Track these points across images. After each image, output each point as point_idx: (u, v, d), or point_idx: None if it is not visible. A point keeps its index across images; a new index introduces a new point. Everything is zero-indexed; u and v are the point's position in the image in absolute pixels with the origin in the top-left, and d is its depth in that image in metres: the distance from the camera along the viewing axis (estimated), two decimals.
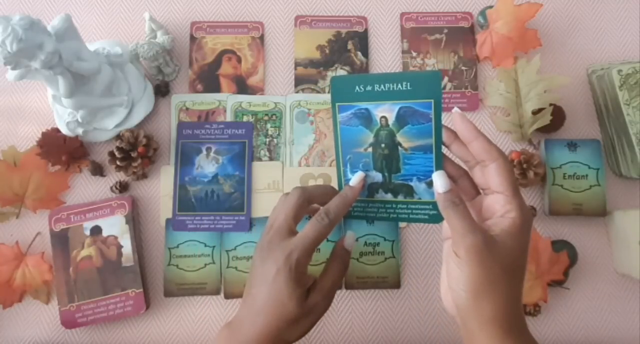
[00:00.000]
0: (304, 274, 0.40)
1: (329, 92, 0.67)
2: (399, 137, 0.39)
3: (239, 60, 0.68)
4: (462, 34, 0.68)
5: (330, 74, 0.67)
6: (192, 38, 0.68)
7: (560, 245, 0.61)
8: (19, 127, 0.65)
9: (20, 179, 0.62)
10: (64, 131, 0.61)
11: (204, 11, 0.69)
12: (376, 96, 0.38)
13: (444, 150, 0.40)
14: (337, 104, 0.39)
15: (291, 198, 0.42)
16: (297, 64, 0.68)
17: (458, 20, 0.69)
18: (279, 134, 0.65)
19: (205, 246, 0.62)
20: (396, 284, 0.61)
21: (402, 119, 0.38)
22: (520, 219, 0.35)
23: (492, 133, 0.66)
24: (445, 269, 0.39)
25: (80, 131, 0.61)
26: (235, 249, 0.62)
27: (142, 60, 0.64)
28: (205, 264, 0.61)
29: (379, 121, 0.39)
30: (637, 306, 0.61)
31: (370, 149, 0.40)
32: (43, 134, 0.62)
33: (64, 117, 0.61)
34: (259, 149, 0.65)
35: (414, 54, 0.68)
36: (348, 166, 0.40)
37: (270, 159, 0.65)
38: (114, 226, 0.60)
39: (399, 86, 0.37)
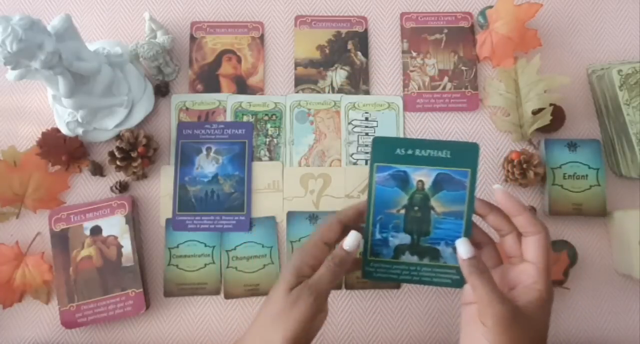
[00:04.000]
0: (301, 268, 0.39)
1: (328, 92, 0.67)
2: (433, 202, 0.40)
3: (239, 60, 0.68)
4: (462, 34, 0.68)
5: (330, 74, 0.67)
6: (192, 38, 0.68)
7: (560, 245, 0.61)
8: (19, 127, 0.65)
9: (20, 179, 0.62)
10: (64, 131, 0.61)
11: (204, 11, 0.69)
12: (416, 160, 0.39)
13: (475, 218, 0.40)
14: (375, 164, 0.40)
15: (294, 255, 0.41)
16: (297, 64, 0.68)
17: (458, 20, 0.69)
18: (279, 134, 0.65)
19: (205, 246, 0.62)
20: (396, 285, 0.61)
21: (439, 184, 0.40)
22: (546, 292, 0.36)
23: (492, 133, 0.66)
24: (469, 336, 0.38)
25: (80, 131, 0.61)
26: (235, 249, 0.62)
27: (142, 60, 0.64)
28: (205, 264, 0.61)
29: (415, 184, 0.40)
30: (637, 306, 0.61)
31: (402, 211, 0.41)
32: (43, 134, 0.62)
33: (64, 117, 0.61)
34: (259, 149, 0.65)
35: (414, 54, 0.68)
36: (378, 226, 0.41)
37: (270, 159, 0.65)
38: (114, 226, 0.60)
39: (440, 153, 0.39)
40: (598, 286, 0.62)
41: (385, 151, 0.40)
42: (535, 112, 0.63)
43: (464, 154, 0.39)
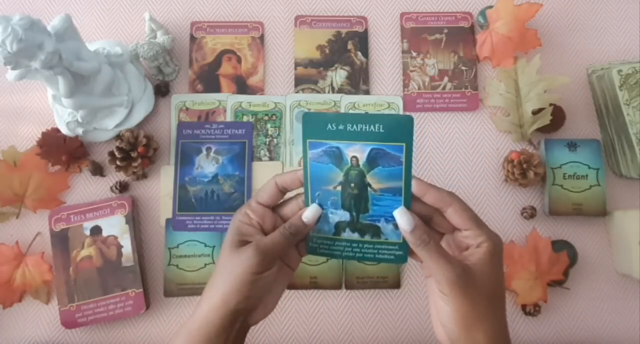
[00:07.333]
0: (240, 227, 0.40)
1: (328, 92, 0.67)
2: (369, 178, 0.39)
3: (239, 60, 0.68)
4: (462, 34, 0.68)
5: (330, 74, 0.67)
6: (192, 38, 0.68)
7: (560, 245, 0.61)
8: (19, 127, 0.65)
9: (20, 179, 0.62)
10: (64, 131, 0.61)
11: (204, 11, 0.69)
12: (348, 135, 0.38)
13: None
14: (308, 140, 0.39)
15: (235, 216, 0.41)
16: (297, 64, 0.68)
17: (458, 20, 0.69)
18: (279, 134, 0.65)
19: (205, 246, 0.62)
20: (396, 284, 0.61)
21: (373, 160, 0.38)
22: (492, 246, 0.37)
23: (492, 133, 0.66)
24: (434, 306, 0.40)
25: (80, 131, 0.61)
26: None
27: (142, 60, 0.64)
28: (205, 264, 0.61)
29: (349, 160, 0.39)
30: (637, 306, 0.61)
31: (339, 188, 0.40)
32: (43, 134, 0.62)
33: (64, 117, 0.61)
34: (259, 149, 0.65)
35: (414, 54, 0.68)
36: (317, 202, 0.40)
37: (270, 159, 0.65)
38: (114, 226, 0.60)
39: (372, 127, 0.37)
40: (598, 286, 0.62)
41: (316, 126, 0.38)
42: (535, 112, 0.63)
43: (398, 128, 0.37)
